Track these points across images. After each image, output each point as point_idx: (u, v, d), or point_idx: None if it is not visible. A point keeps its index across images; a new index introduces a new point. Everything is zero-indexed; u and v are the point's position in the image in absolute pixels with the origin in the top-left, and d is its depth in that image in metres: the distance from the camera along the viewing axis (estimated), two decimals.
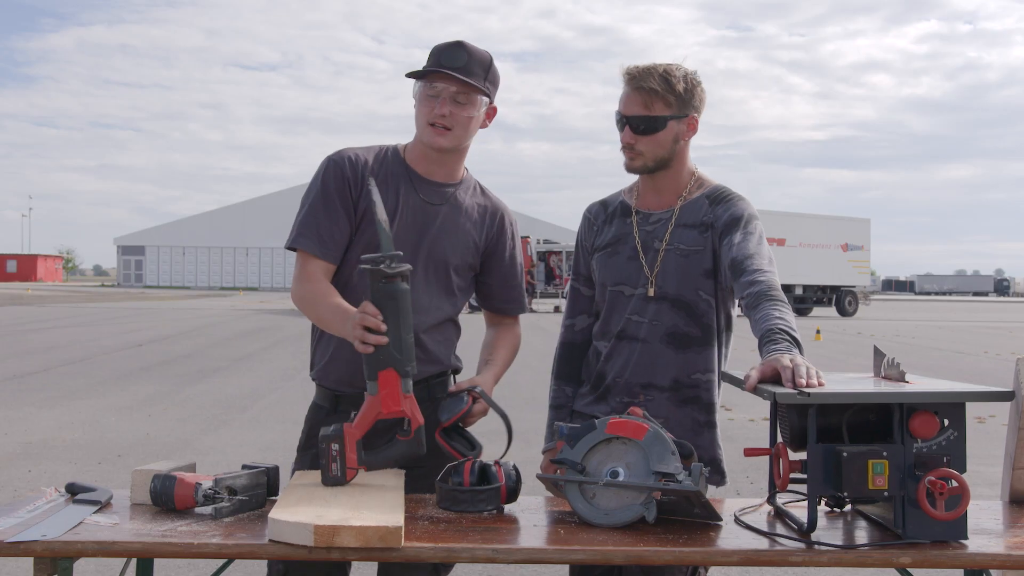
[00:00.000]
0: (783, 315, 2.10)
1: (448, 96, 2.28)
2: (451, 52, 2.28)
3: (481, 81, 2.30)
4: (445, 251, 2.40)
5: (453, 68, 2.26)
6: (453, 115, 2.29)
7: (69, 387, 10.49)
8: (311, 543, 1.73)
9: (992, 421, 8.40)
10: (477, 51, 2.31)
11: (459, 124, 2.31)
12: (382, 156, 2.41)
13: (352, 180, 2.34)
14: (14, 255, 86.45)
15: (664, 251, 2.41)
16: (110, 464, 6.48)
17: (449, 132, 2.31)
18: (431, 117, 2.30)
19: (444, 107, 2.28)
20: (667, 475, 1.91)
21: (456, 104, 2.29)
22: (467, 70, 2.28)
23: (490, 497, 2.04)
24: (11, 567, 4.15)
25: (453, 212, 2.41)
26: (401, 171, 2.39)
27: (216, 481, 2.02)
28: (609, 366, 2.47)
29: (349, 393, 2.38)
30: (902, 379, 2.01)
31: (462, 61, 2.27)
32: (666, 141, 2.38)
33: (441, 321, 2.44)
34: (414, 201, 2.37)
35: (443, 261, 2.40)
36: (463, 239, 2.43)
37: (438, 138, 2.31)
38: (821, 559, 1.81)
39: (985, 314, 42.50)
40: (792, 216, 34.10)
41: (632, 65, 2.39)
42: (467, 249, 2.44)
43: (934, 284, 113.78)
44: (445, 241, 2.40)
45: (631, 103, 2.37)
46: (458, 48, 2.29)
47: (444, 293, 2.43)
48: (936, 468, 1.82)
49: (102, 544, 1.80)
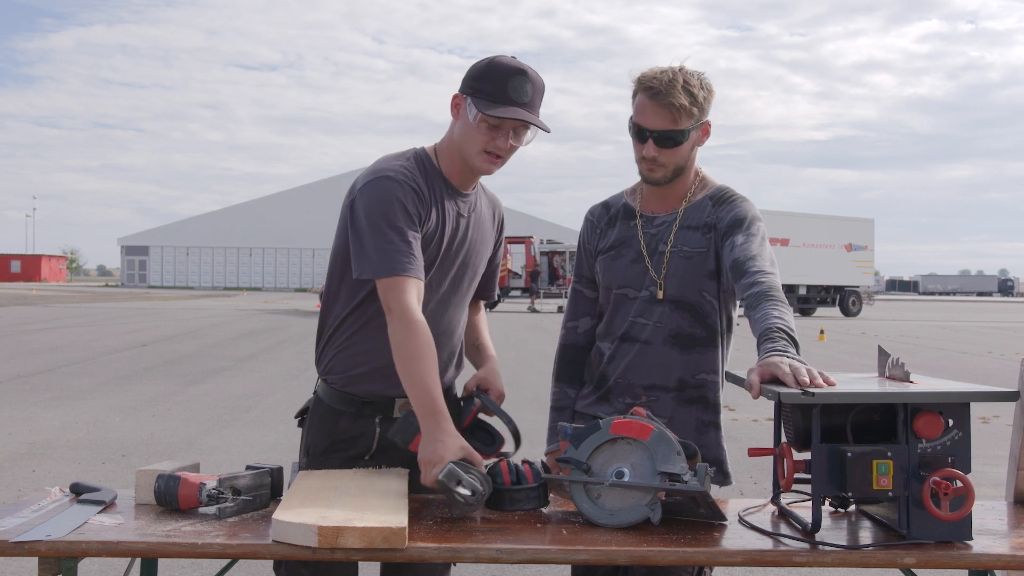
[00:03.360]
0: (782, 315, 2.10)
1: (511, 129, 2.25)
2: (519, 85, 2.23)
3: (539, 112, 2.28)
4: (479, 259, 2.45)
5: (522, 104, 2.23)
6: (512, 149, 2.28)
7: (73, 387, 10.50)
8: (315, 544, 1.73)
9: (996, 421, 8.39)
10: (537, 80, 2.27)
11: (510, 153, 2.30)
12: (423, 167, 2.33)
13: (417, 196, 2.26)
14: (18, 255, 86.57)
15: (669, 254, 2.41)
16: (114, 464, 6.49)
17: (500, 160, 2.29)
18: (489, 147, 2.26)
19: (506, 141, 2.25)
20: (673, 475, 1.91)
21: (515, 137, 2.27)
22: (531, 104, 2.25)
23: (540, 495, 2.05)
24: (16, 567, 4.16)
25: (478, 220, 2.43)
26: (440, 183, 2.34)
27: (220, 481, 2.02)
28: (612, 367, 2.47)
29: (376, 401, 2.35)
30: (906, 379, 2.01)
31: (528, 96, 2.23)
32: (686, 151, 2.37)
33: (460, 323, 2.47)
34: (452, 213, 2.35)
35: (476, 269, 2.45)
36: (488, 244, 2.49)
37: (490, 166, 2.29)
38: (825, 559, 1.80)
39: (989, 314, 42.44)
40: (796, 216, 34.06)
41: (649, 74, 2.34)
42: (488, 252, 2.50)
43: (938, 284, 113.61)
44: (480, 250, 2.45)
45: (655, 116, 2.32)
46: (524, 80, 2.23)
47: (465, 297, 2.47)
48: (941, 468, 1.82)
49: (106, 544, 1.80)
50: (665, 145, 2.34)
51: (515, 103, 2.21)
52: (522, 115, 2.21)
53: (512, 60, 2.26)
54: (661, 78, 2.31)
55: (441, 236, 2.31)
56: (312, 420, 2.41)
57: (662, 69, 2.34)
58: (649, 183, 2.43)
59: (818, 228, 33.87)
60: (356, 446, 2.35)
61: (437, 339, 2.29)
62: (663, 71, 2.33)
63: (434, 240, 2.30)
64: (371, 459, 2.35)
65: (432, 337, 2.18)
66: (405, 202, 2.22)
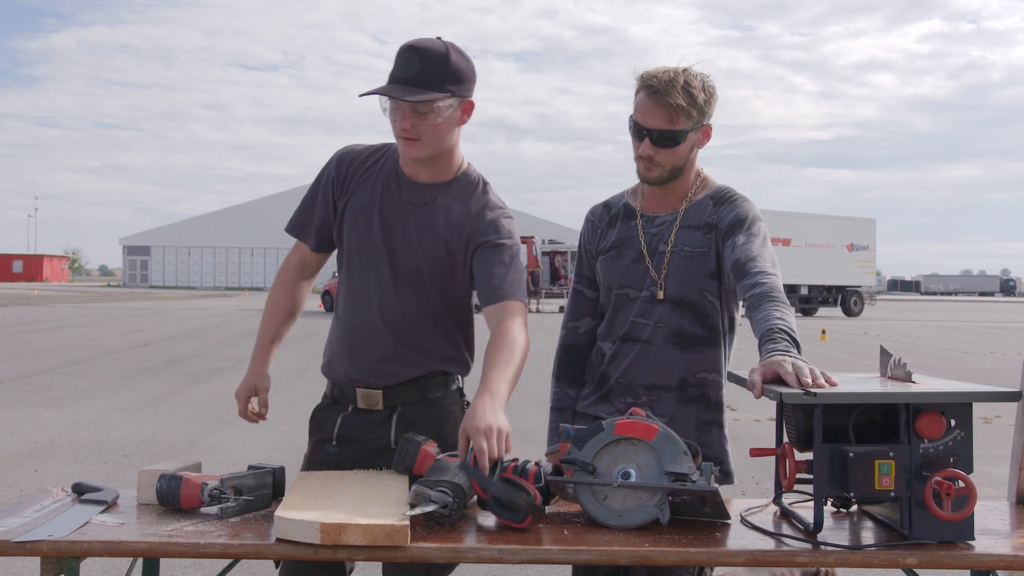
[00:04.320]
0: (784, 316, 2.09)
1: (407, 108, 2.21)
2: (403, 62, 2.21)
3: (439, 84, 2.20)
4: (419, 251, 2.36)
5: (405, 80, 2.19)
6: (416, 127, 2.23)
7: (75, 387, 10.51)
8: (317, 541, 1.74)
9: (998, 421, 8.38)
10: (431, 52, 2.21)
11: (426, 133, 2.24)
12: (379, 154, 2.44)
13: (335, 177, 2.43)
14: (20, 255, 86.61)
15: (670, 254, 2.41)
16: (116, 464, 6.50)
17: (418, 142, 2.25)
18: (397, 131, 2.27)
19: (406, 121, 2.23)
20: (680, 475, 1.91)
21: (417, 115, 2.22)
22: (420, 79, 2.19)
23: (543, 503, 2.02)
24: (18, 567, 4.16)
25: (430, 214, 2.36)
26: (391, 169, 2.40)
27: (222, 481, 2.02)
28: (613, 367, 2.47)
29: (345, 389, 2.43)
30: (908, 379, 2.01)
31: (413, 70, 2.19)
32: (684, 152, 2.36)
33: (424, 319, 2.39)
34: (393, 200, 2.38)
35: (417, 260, 2.36)
36: (436, 240, 2.35)
37: (410, 149, 2.28)
38: (827, 559, 1.80)
39: (991, 314, 42.40)
40: (797, 216, 34.05)
41: (651, 72, 2.33)
42: (439, 250, 2.36)
43: (940, 284, 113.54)
44: (415, 241, 2.36)
45: (652, 115, 2.32)
46: (410, 56, 2.20)
47: (421, 295, 2.38)
48: (943, 468, 1.82)
49: (108, 544, 1.80)
50: (661, 144, 2.33)
51: (395, 80, 2.21)
52: (383, 90, 2.21)
53: (415, 40, 2.25)
54: (661, 77, 2.31)
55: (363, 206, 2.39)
56: None
57: (665, 69, 2.33)
58: (645, 182, 2.43)
59: (819, 228, 33.86)
60: (323, 430, 2.45)
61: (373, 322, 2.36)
62: (665, 71, 2.32)
63: (357, 208, 2.39)
64: (337, 445, 2.41)
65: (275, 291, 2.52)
66: (328, 167, 2.44)
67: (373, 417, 2.39)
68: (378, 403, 2.38)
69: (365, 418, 2.39)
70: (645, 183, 2.44)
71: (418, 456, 2.16)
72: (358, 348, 2.39)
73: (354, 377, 2.40)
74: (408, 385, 2.38)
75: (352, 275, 2.41)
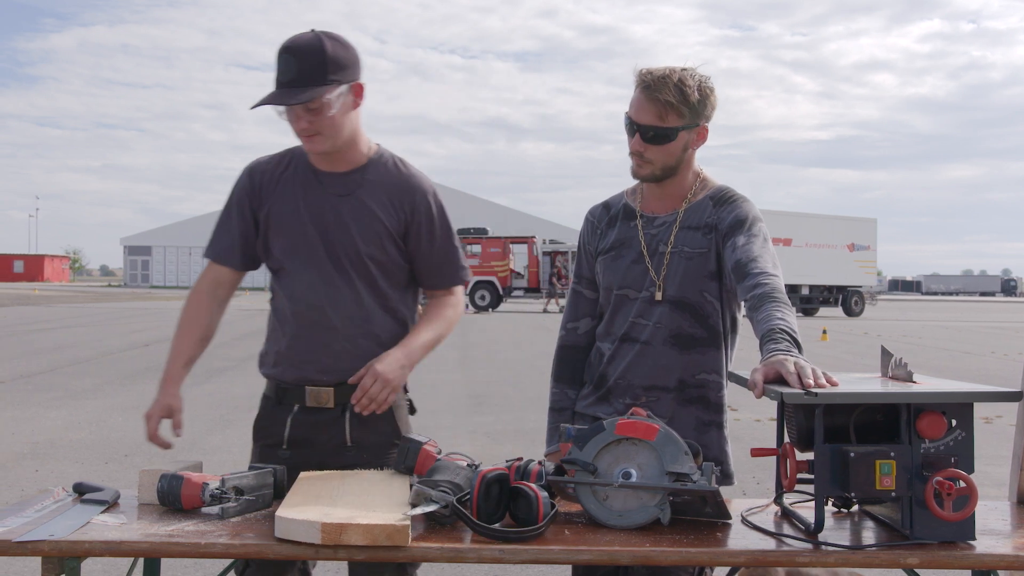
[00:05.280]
0: (785, 316, 2.09)
1: (300, 108, 2.24)
2: (283, 65, 2.23)
3: (322, 77, 2.22)
4: (356, 238, 2.37)
5: (288, 82, 2.21)
6: (313, 123, 2.26)
7: (76, 387, 10.52)
8: (318, 541, 1.74)
9: (999, 421, 8.38)
10: (307, 48, 2.22)
11: (324, 126, 2.27)
12: (287, 158, 2.45)
13: (250, 189, 2.44)
14: (21, 255, 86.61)
15: (670, 254, 2.40)
16: (117, 464, 6.50)
17: (319, 136, 2.29)
18: (296, 131, 2.31)
19: (302, 120, 2.26)
20: (681, 475, 1.91)
21: (311, 112, 2.25)
22: (302, 78, 2.21)
23: None
24: (19, 567, 4.16)
25: (358, 199, 2.38)
26: (305, 169, 2.42)
27: (223, 481, 2.02)
28: (612, 368, 2.47)
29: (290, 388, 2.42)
30: (909, 379, 2.01)
31: (293, 71, 2.21)
32: (676, 150, 2.36)
33: (368, 316, 2.40)
34: (316, 196, 2.39)
35: (356, 247, 2.38)
36: (374, 225, 2.38)
37: (313, 145, 2.31)
38: (828, 559, 1.80)
39: (992, 314, 42.38)
40: (798, 216, 34.03)
41: (647, 69, 2.34)
42: (378, 236, 2.39)
43: (941, 284, 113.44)
44: (352, 228, 2.37)
45: (643, 111, 2.33)
46: (287, 57, 2.22)
47: (366, 284, 2.40)
48: (944, 468, 1.82)
49: (109, 544, 1.80)
50: (651, 140, 2.33)
51: (281, 84, 2.24)
52: (270, 99, 2.24)
53: (288, 39, 2.25)
54: (656, 73, 2.32)
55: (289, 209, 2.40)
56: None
57: (663, 67, 2.34)
58: (637, 179, 2.43)
59: (820, 228, 33.83)
60: (271, 434, 2.44)
61: (324, 315, 2.37)
62: (662, 68, 2.33)
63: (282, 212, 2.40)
64: (288, 448, 2.40)
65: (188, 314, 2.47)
66: (240, 184, 2.46)
67: (324, 416, 2.39)
68: (328, 401, 2.38)
69: (316, 418, 2.39)
70: (637, 179, 2.44)
71: (419, 456, 2.16)
72: (309, 347, 2.38)
73: (304, 376, 2.39)
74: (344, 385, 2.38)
75: (291, 278, 2.40)
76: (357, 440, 2.39)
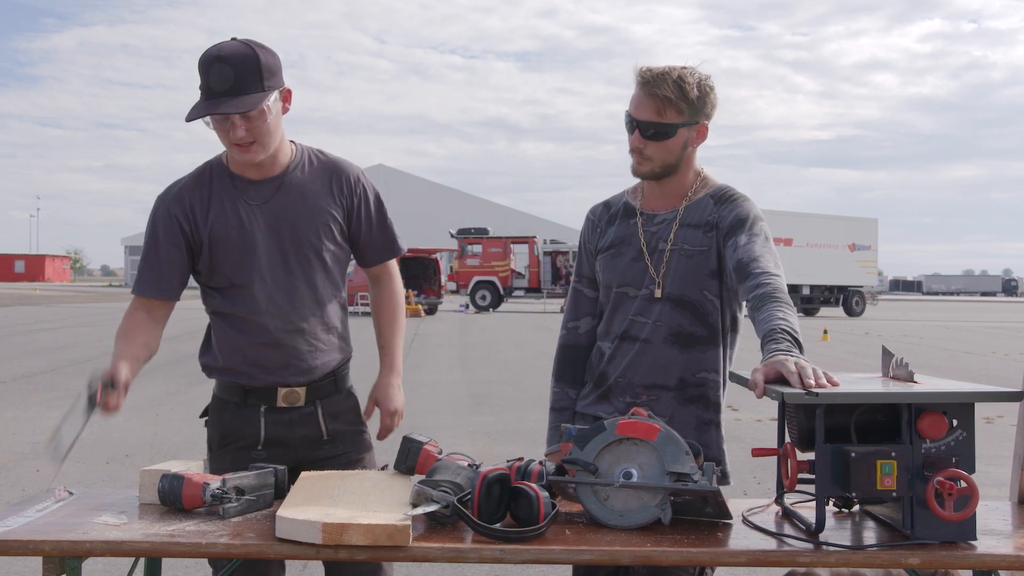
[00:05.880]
0: (786, 316, 2.09)
1: (237, 117, 2.23)
2: (217, 75, 2.20)
3: (259, 85, 2.22)
4: (307, 238, 2.39)
5: (226, 92, 2.19)
6: (250, 131, 2.25)
7: (77, 387, 10.46)
8: (319, 541, 1.74)
9: (1000, 421, 8.37)
10: (241, 57, 2.21)
11: (261, 134, 2.27)
12: (206, 177, 2.41)
13: (180, 215, 2.38)
14: (22, 255, 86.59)
15: (669, 252, 2.40)
16: (118, 464, 6.50)
17: (254, 144, 2.28)
18: (230, 141, 2.27)
19: (239, 130, 2.24)
20: (682, 475, 1.91)
21: (248, 120, 2.24)
22: (240, 86, 2.20)
23: None
24: (20, 567, 4.17)
25: (294, 198, 2.39)
26: (227, 182, 2.39)
27: (224, 481, 2.02)
28: (612, 367, 2.46)
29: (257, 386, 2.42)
30: (910, 379, 2.01)
31: (230, 79, 2.19)
32: (675, 148, 2.36)
33: (324, 308, 2.45)
34: (255, 206, 2.38)
35: (308, 245, 2.39)
36: (319, 219, 2.41)
37: (248, 155, 2.29)
38: (829, 560, 1.80)
39: (993, 314, 42.37)
40: (799, 216, 34.03)
41: (646, 67, 2.35)
42: (327, 227, 2.42)
43: (942, 284, 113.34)
44: (301, 229, 2.39)
45: (642, 107, 2.34)
46: (221, 67, 2.20)
47: (322, 278, 2.43)
48: (945, 468, 1.82)
49: (110, 544, 1.80)
50: (649, 137, 2.34)
51: (218, 94, 2.20)
52: (212, 109, 2.21)
53: (214, 49, 2.23)
54: (655, 70, 2.33)
55: (233, 226, 2.36)
56: (209, 413, 2.53)
57: (663, 65, 2.35)
58: (637, 176, 2.43)
59: (821, 228, 33.83)
60: (244, 435, 2.43)
61: (289, 322, 2.38)
62: (661, 66, 2.35)
63: (226, 231, 2.36)
64: (263, 449, 2.41)
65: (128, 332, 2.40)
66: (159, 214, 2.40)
67: (297, 414, 2.42)
68: (300, 399, 2.42)
69: (289, 416, 2.42)
70: (637, 177, 2.44)
71: (420, 456, 2.16)
72: (278, 354, 2.39)
73: (275, 379, 2.40)
74: (327, 379, 2.45)
75: (246, 292, 2.38)
76: (333, 433, 2.46)
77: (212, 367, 2.48)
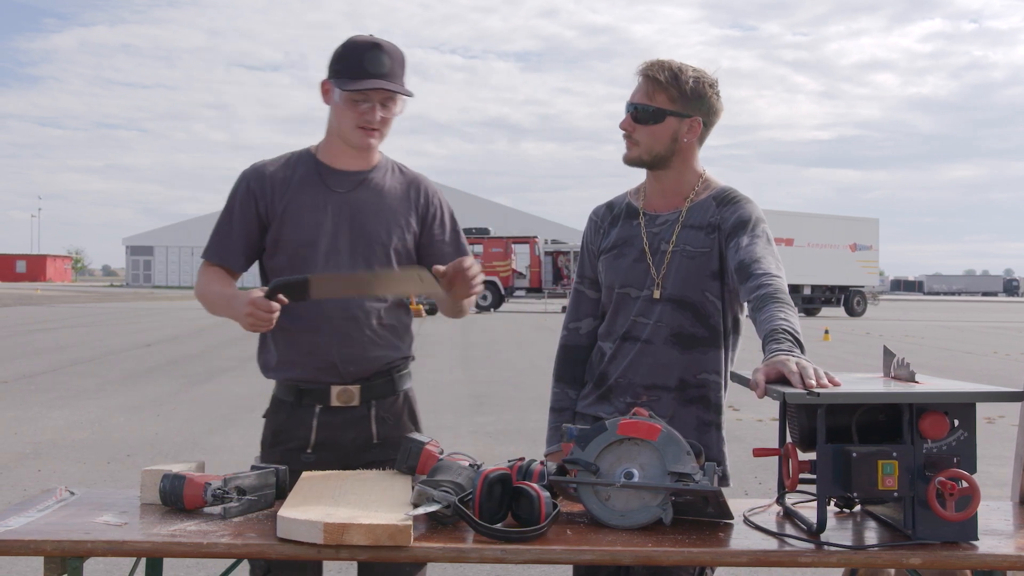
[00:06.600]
0: (788, 316, 2.09)
1: (378, 101, 2.36)
2: (375, 58, 2.34)
3: (403, 78, 2.39)
4: (376, 232, 2.43)
5: (381, 75, 2.34)
6: (384, 119, 2.40)
7: (78, 387, 10.52)
8: (320, 541, 1.74)
9: (1001, 422, 8.37)
10: (394, 50, 2.38)
11: (386, 125, 2.42)
12: (292, 161, 2.49)
13: (259, 191, 2.44)
14: (23, 255, 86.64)
15: (671, 253, 2.40)
16: (119, 464, 6.50)
17: (377, 132, 2.41)
18: (361, 122, 2.38)
19: (375, 113, 2.37)
20: (684, 475, 1.91)
21: (383, 108, 2.38)
22: (392, 74, 2.36)
23: None
24: (21, 567, 4.17)
25: (373, 195, 2.46)
26: (311, 168, 2.46)
27: (225, 481, 2.02)
28: (613, 367, 2.46)
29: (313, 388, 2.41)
30: (912, 379, 2.01)
31: (386, 67, 2.35)
32: (663, 136, 2.37)
33: (390, 303, 2.47)
34: (335, 193, 2.44)
35: (377, 242, 2.43)
36: (392, 219, 2.47)
37: (369, 139, 2.41)
38: (831, 560, 1.80)
39: (994, 314, 42.35)
40: (800, 216, 34.03)
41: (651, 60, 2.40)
42: (399, 228, 2.47)
43: (943, 284, 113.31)
44: (372, 223, 2.44)
45: (637, 91, 2.39)
46: (380, 52, 2.35)
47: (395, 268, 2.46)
48: (946, 468, 1.82)
49: (111, 544, 1.80)
50: (638, 119, 2.37)
51: (373, 75, 2.33)
52: (381, 84, 2.34)
53: (367, 37, 2.37)
54: (654, 61, 2.38)
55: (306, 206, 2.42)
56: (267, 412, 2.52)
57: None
58: (626, 163, 2.45)
59: (822, 228, 33.83)
60: (295, 437, 2.42)
61: (344, 308, 2.38)
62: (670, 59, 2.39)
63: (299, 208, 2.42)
64: (312, 452, 2.40)
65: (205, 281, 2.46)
66: (241, 187, 2.46)
67: (350, 415, 2.41)
68: (354, 399, 2.41)
69: (342, 417, 2.40)
70: (625, 163, 2.46)
71: (421, 456, 2.16)
72: (333, 343, 2.39)
73: (328, 373, 2.39)
74: (382, 377, 2.44)
75: (304, 268, 2.39)
76: (383, 437, 2.43)
77: (269, 366, 2.49)
